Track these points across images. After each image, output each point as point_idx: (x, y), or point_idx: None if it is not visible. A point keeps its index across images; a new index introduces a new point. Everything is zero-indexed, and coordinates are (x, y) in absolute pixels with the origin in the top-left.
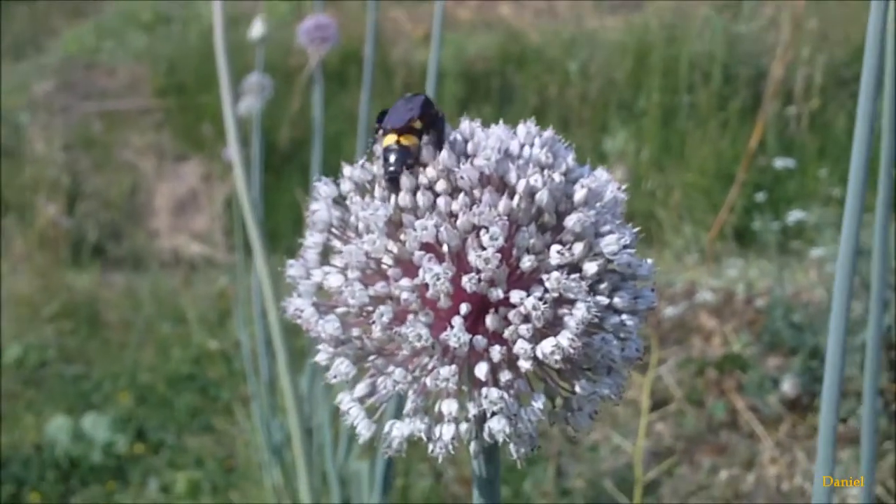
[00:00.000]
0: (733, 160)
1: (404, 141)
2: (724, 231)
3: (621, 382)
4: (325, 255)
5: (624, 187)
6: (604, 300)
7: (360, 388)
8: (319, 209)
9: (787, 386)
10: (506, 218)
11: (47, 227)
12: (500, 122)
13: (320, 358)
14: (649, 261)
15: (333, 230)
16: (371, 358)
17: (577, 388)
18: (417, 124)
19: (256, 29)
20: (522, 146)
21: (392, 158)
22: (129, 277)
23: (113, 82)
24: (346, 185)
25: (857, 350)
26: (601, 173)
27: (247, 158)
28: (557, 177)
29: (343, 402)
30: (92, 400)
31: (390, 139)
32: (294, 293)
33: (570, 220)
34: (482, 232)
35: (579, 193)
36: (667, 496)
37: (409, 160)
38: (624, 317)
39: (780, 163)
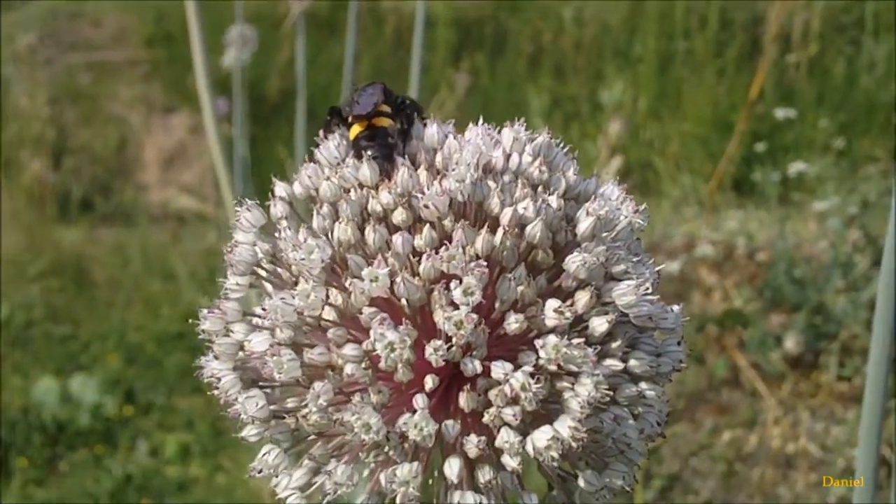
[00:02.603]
0: (731, 109)
1: (378, 123)
2: (723, 182)
3: (637, 464)
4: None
5: (642, 207)
6: (616, 365)
7: (299, 477)
8: (241, 244)
9: (790, 343)
10: (484, 264)
11: (33, 183)
12: (480, 121)
13: (247, 435)
14: (676, 308)
15: (261, 268)
16: (309, 439)
17: (581, 482)
18: (385, 108)
19: None
20: (508, 157)
21: (366, 144)
22: (117, 233)
23: (99, 33)
24: (277, 209)
25: (864, 307)
26: (612, 190)
27: (235, 111)
28: (555, 201)
29: (280, 486)
30: (80, 361)
31: (357, 129)
32: (210, 352)
33: (572, 263)
34: (453, 283)
35: (584, 224)
36: (667, 457)
37: (391, 139)
38: (643, 386)
39: (781, 113)
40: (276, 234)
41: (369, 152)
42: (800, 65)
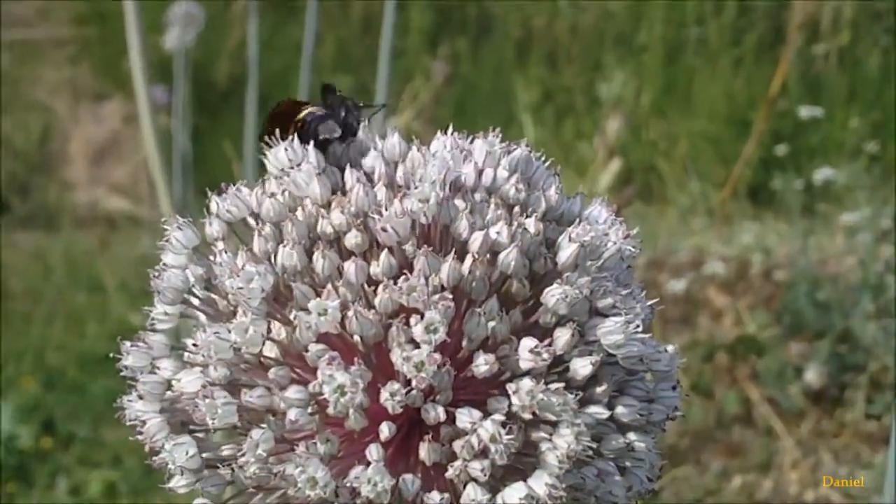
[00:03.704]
0: (748, 105)
1: (302, 115)
2: (737, 189)
3: None
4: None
5: (633, 232)
6: (601, 413)
7: None
8: (171, 268)
9: (812, 375)
10: (450, 296)
11: None
12: (450, 129)
13: (176, 486)
14: (670, 348)
15: (194, 296)
16: (247, 493)
17: None
18: (310, 108)
19: None
20: (481, 172)
21: (311, 128)
22: (37, 238)
23: (20, 7)
24: (212, 229)
25: None
26: (599, 212)
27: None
28: (533, 224)
29: None
30: None
31: (291, 129)
32: (133, 391)
33: (552, 296)
34: (413, 318)
35: (567, 251)
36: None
37: (326, 117)
38: (632, 436)
39: (806, 111)
40: (212, 258)
41: (310, 130)
42: (829, 56)
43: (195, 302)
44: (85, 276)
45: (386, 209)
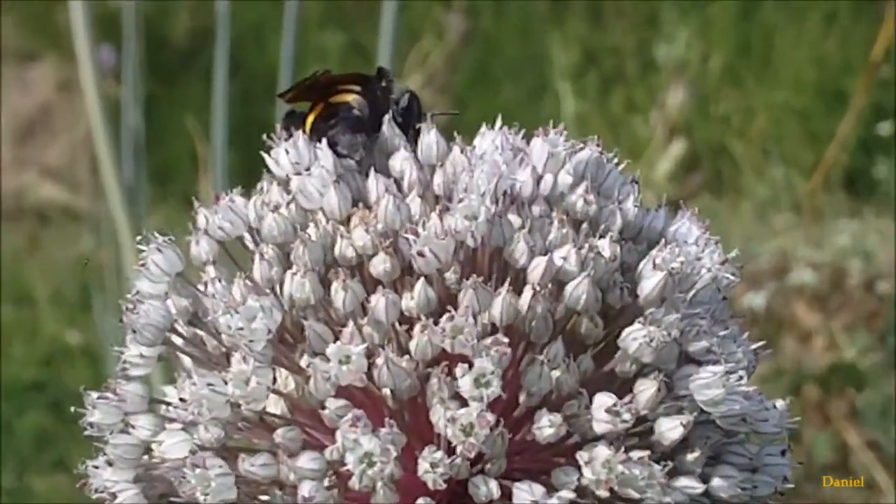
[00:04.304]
0: (843, 71)
1: (338, 99)
2: (830, 177)
3: None
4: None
5: (732, 254)
6: (694, 487)
7: None
8: (148, 300)
9: None
10: (505, 340)
11: None
12: (498, 120)
13: None
14: (779, 403)
15: (177, 334)
16: None
17: None
18: (349, 86)
19: None
20: (540, 179)
21: (324, 127)
22: None
23: None
24: (200, 248)
25: None
26: (688, 228)
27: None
28: (608, 246)
29: None
30: None
31: (313, 115)
32: (101, 455)
33: (633, 339)
34: (459, 368)
35: (651, 281)
36: None
37: (357, 112)
38: None
39: None
40: (201, 287)
41: (330, 135)
42: None
43: (178, 342)
44: (10, 283)
45: (422, 227)
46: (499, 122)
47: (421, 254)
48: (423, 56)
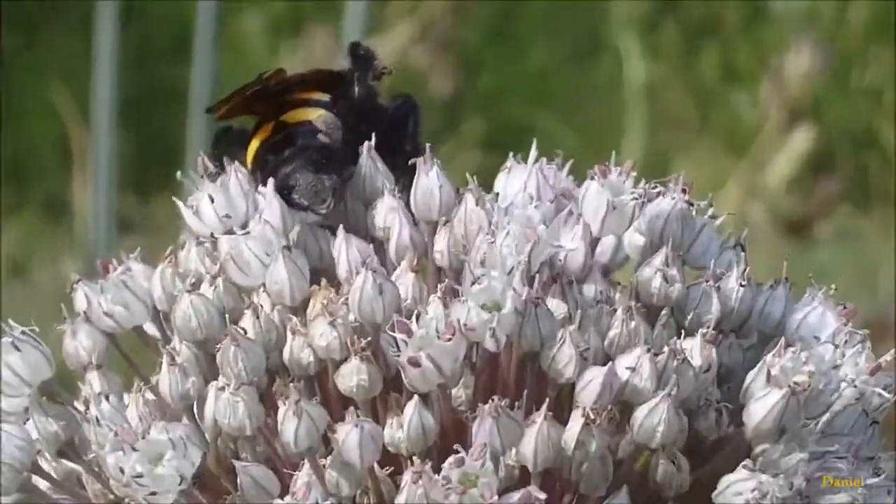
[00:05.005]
0: None
1: (294, 118)
2: None
3: None
4: None
5: (888, 357)
6: None
7: None
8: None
9: None
10: (542, 497)
11: None
12: (533, 148)
13: None
14: None
15: (42, 475)
16: None
17: None
18: (312, 94)
19: None
20: (595, 244)
21: (275, 160)
22: None
23: None
24: (79, 345)
25: None
26: (820, 318)
27: None
28: (699, 352)
29: None
30: None
31: (260, 137)
32: None
33: (736, 496)
34: None
35: (764, 405)
36: None
37: (325, 139)
38: None
39: None
40: (79, 404)
41: (282, 173)
42: None
43: (42, 486)
44: None
45: (417, 321)
46: (533, 152)
47: (414, 361)
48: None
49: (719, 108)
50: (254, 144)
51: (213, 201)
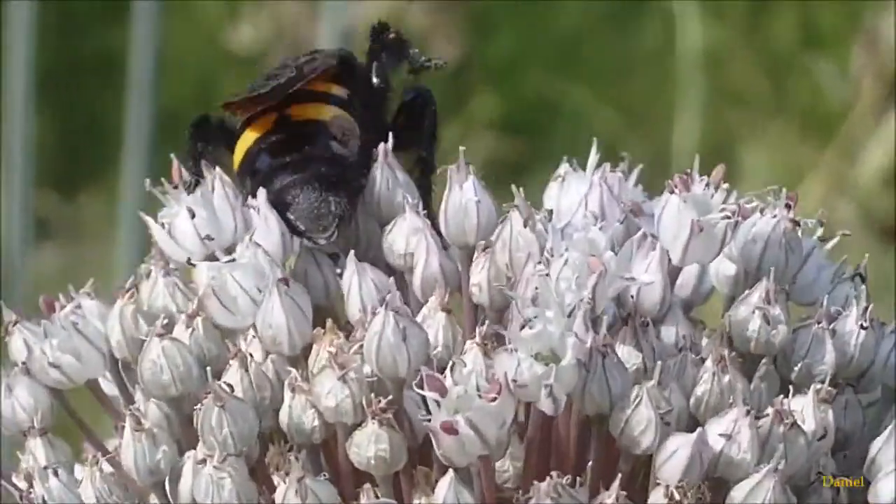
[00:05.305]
0: None
1: (300, 114)
2: None
3: None
4: None
5: None
6: None
7: None
8: None
9: None
10: None
11: None
12: (593, 149)
13: None
14: None
15: None
16: None
17: None
18: (330, 87)
19: None
20: (676, 276)
21: (270, 166)
22: None
23: None
24: (15, 405)
25: None
26: None
27: None
28: (812, 415)
29: None
30: None
31: (253, 135)
32: None
33: None
34: None
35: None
36: None
37: (337, 150)
38: None
39: None
40: (20, 480)
41: (278, 184)
42: None
43: None
44: None
45: (452, 375)
46: (593, 156)
47: (449, 427)
48: None
49: (797, 81)
50: (246, 139)
51: (193, 216)
